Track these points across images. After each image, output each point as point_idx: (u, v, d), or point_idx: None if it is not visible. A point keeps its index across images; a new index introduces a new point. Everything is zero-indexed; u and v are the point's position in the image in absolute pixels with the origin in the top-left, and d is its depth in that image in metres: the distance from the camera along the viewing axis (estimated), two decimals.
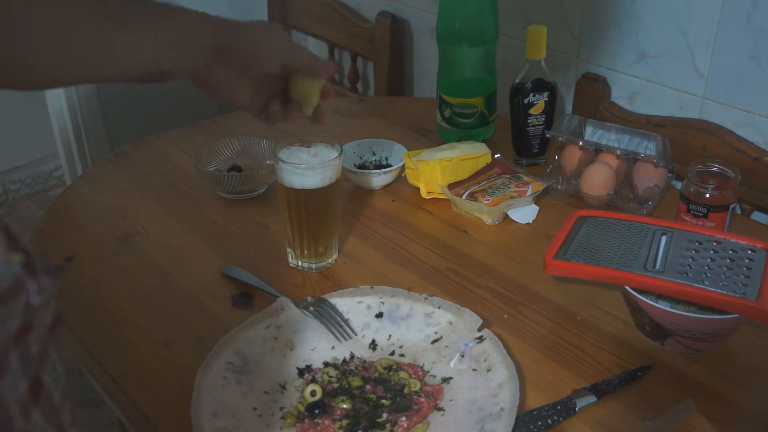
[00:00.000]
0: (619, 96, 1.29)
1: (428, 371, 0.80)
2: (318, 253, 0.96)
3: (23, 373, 0.32)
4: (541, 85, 1.17)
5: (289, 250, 0.98)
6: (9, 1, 0.59)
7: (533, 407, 0.75)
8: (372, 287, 0.89)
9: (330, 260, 0.98)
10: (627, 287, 0.82)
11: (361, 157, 1.20)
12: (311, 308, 0.86)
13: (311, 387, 0.76)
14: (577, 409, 0.75)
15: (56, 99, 1.86)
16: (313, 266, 0.97)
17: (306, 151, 0.94)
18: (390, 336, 0.85)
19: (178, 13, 0.71)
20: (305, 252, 0.96)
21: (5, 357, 0.31)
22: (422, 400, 0.75)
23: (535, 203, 1.09)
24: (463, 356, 0.80)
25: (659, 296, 0.83)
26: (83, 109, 1.87)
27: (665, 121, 1.21)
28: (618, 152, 1.10)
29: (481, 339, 0.81)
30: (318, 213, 0.94)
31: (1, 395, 0.30)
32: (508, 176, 1.11)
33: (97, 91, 1.88)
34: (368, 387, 0.77)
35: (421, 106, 1.44)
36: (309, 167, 0.91)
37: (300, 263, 0.97)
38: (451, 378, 0.79)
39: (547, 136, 1.18)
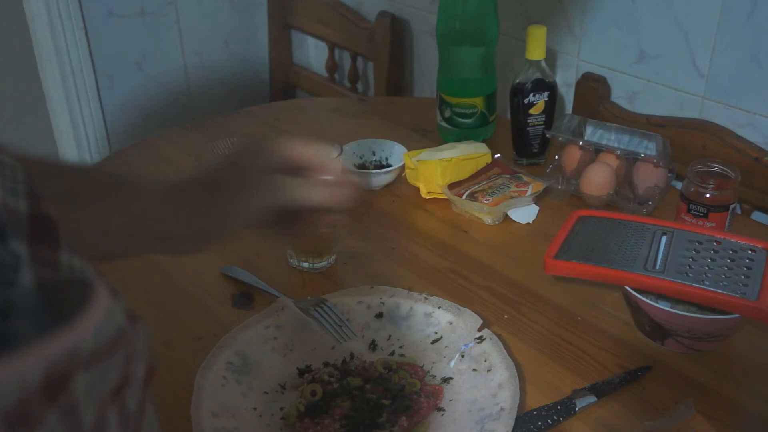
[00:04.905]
0: (619, 96, 1.29)
1: (428, 371, 0.80)
2: (318, 253, 0.96)
3: (121, 428, 0.29)
4: (541, 85, 1.17)
5: (289, 250, 0.98)
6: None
7: (533, 407, 0.75)
8: (372, 287, 0.89)
9: (330, 260, 0.98)
10: (627, 287, 0.82)
11: (361, 157, 1.20)
12: (311, 308, 0.86)
13: (311, 387, 0.76)
14: (577, 409, 0.75)
15: (56, 99, 1.86)
16: (313, 266, 0.97)
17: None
18: (390, 336, 0.85)
19: (140, 194, 0.63)
20: (305, 252, 0.96)
21: (102, 414, 0.28)
22: (422, 400, 0.75)
23: (535, 203, 1.09)
24: (463, 356, 0.80)
25: (659, 296, 0.83)
26: (83, 109, 1.87)
27: (665, 121, 1.21)
28: (618, 152, 1.10)
29: (481, 339, 0.81)
30: None
31: None
32: (508, 176, 1.11)
33: (97, 91, 1.88)
34: (368, 387, 0.77)
35: (421, 106, 1.44)
36: None
37: (300, 263, 0.97)
38: (451, 378, 0.79)
39: (547, 136, 1.18)
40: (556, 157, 1.15)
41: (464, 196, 1.07)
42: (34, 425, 0.24)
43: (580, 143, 1.13)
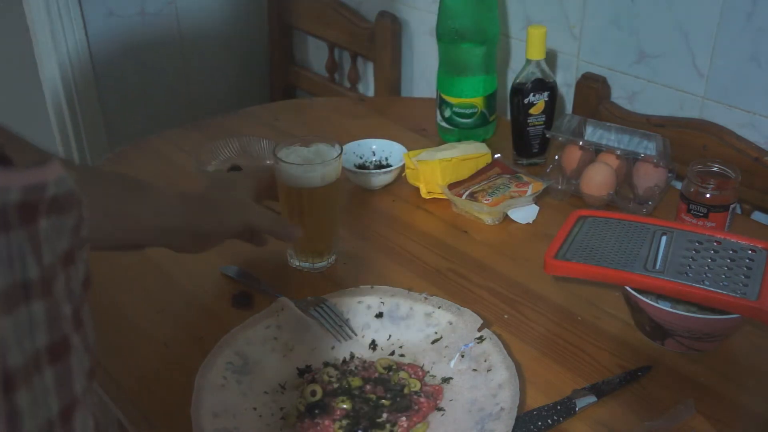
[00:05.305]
0: (619, 96, 1.29)
1: (428, 371, 0.80)
2: (318, 253, 0.96)
3: (67, 297, 0.35)
4: (541, 85, 1.17)
5: (289, 250, 0.98)
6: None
7: (533, 407, 0.75)
8: (372, 287, 0.89)
9: (330, 260, 0.98)
10: (627, 287, 0.82)
11: (361, 157, 1.20)
12: (311, 308, 0.86)
13: (311, 387, 0.76)
14: (577, 409, 0.75)
15: (56, 99, 1.86)
16: (313, 266, 0.97)
17: (306, 151, 0.94)
18: (390, 336, 0.85)
19: (153, 193, 0.80)
20: (305, 252, 0.96)
21: (54, 270, 0.34)
22: (422, 400, 0.75)
23: (535, 203, 1.09)
24: (463, 356, 0.80)
25: (659, 296, 0.83)
26: (83, 109, 1.87)
27: (665, 121, 1.21)
28: (618, 152, 1.10)
29: (481, 339, 0.81)
30: (318, 212, 0.94)
31: (57, 297, 0.34)
32: (508, 176, 1.11)
33: (97, 92, 1.88)
34: (368, 387, 0.77)
35: (421, 106, 1.44)
36: (308, 166, 0.91)
37: (300, 263, 0.97)
38: (451, 378, 0.79)
39: (547, 136, 1.18)
40: (556, 157, 1.15)
41: (464, 196, 1.07)
42: (9, 231, 0.31)
43: (580, 143, 1.13)
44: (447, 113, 1.26)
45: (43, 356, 0.32)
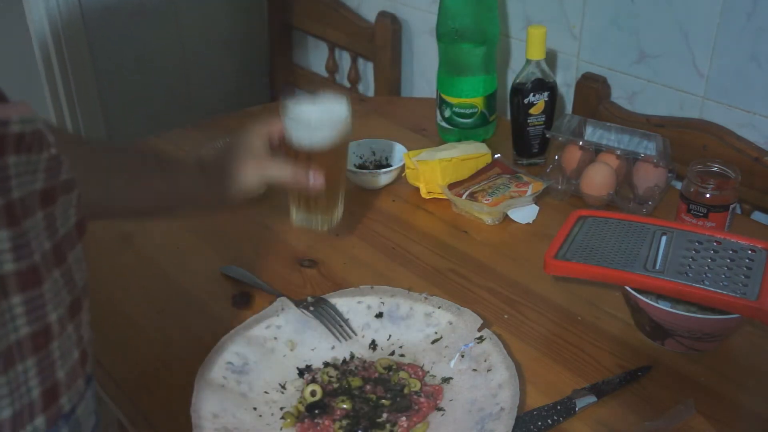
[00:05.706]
0: (619, 96, 1.29)
1: (428, 371, 0.80)
2: (323, 210, 0.90)
3: (48, 234, 0.36)
4: (541, 85, 1.17)
5: (292, 207, 0.91)
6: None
7: (533, 407, 0.75)
8: (372, 287, 0.89)
9: (334, 220, 0.92)
10: (627, 287, 0.82)
11: (361, 157, 1.20)
12: (311, 308, 0.86)
13: (311, 387, 0.76)
14: (577, 409, 0.75)
15: (56, 99, 1.86)
16: (319, 219, 0.91)
17: (313, 106, 0.89)
18: (390, 336, 0.85)
19: (175, 170, 0.86)
20: (310, 208, 0.90)
21: (31, 204, 0.35)
22: (422, 400, 0.75)
23: (535, 203, 1.09)
24: (463, 356, 0.80)
25: (659, 296, 0.83)
26: (83, 109, 1.87)
27: (665, 121, 1.21)
28: (618, 152, 1.10)
29: (481, 339, 0.81)
30: (326, 169, 0.87)
31: (27, 233, 0.35)
32: (508, 176, 1.11)
33: (98, 92, 1.88)
34: (368, 387, 0.77)
35: (421, 106, 1.44)
36: (319, 121, 0.87)
37: (304, 218, 0.91)
38: (451, 378, 0.79)
39: (547, 136, 1.18)
40: (556, 157, 1.15)
41: (464, 196, 1.07)
42: None
43: (580, 143, 1.13)
44: (447, 113, 1.26)
45: (11, 282, 0.34)
